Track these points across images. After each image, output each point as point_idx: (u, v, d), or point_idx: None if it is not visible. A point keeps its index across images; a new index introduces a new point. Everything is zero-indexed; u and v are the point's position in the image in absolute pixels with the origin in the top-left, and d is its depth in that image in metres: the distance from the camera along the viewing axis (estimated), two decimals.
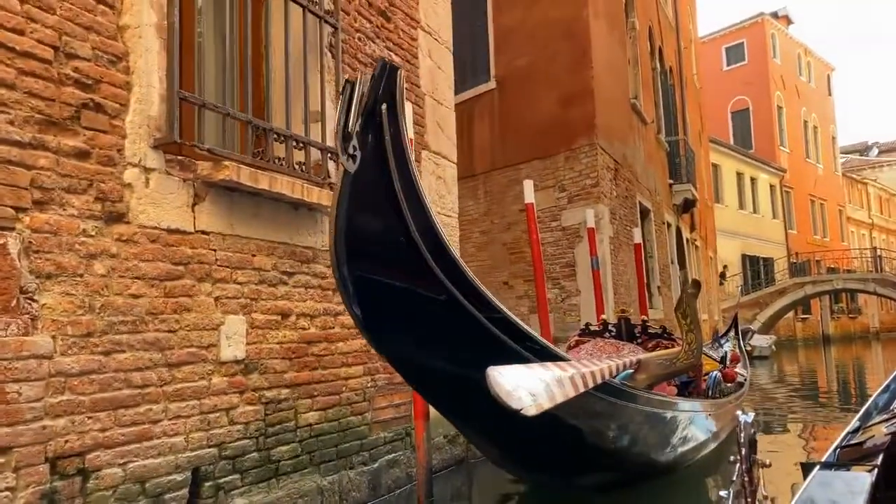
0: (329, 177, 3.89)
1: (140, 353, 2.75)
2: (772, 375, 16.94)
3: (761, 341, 20.83)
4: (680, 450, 4.34)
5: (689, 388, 5.52)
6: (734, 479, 1.06)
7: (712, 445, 5.44)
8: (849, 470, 2.23)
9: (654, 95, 14.98)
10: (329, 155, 3.88)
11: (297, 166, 3.65)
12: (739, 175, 30.58)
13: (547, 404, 2.16)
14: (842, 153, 42.44)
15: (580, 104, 9.92)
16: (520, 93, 10.68)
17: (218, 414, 3.07)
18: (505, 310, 2.72)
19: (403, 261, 2.38)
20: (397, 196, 2.30)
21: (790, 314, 29.86)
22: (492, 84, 11.10)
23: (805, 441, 7.22)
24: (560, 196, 10.16)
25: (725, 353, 7.73)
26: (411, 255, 2.34)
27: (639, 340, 5.86)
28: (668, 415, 3.93)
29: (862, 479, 2.05)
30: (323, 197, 3.75)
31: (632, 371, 3.56)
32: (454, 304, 2.42)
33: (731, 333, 11.00)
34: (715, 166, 28.17)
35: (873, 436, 2.52)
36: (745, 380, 7.71)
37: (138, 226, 2.80)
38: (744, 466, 1.06)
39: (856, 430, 2.79)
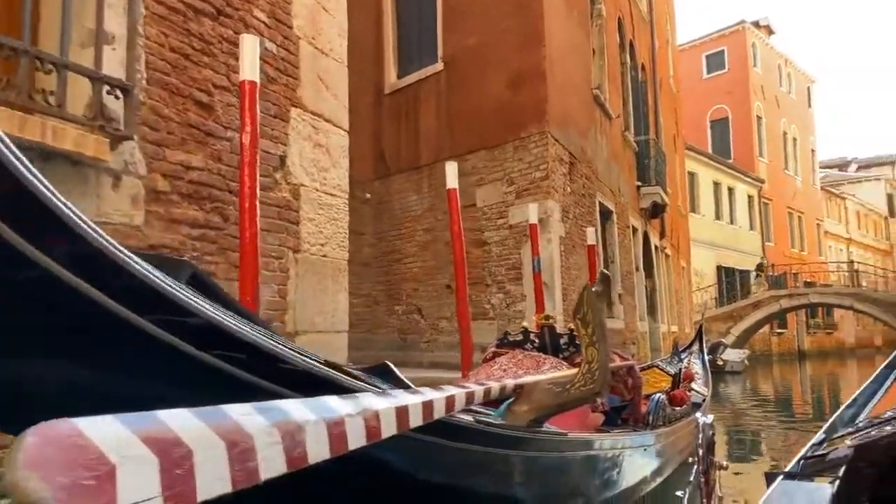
0: (111, 120, 2.82)
1: None
2: (744, 391, 16.16)
3: (734, 356, 19.96)
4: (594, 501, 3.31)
5: (622, 415, 4.49)
6: (691, 479, 1.05)
7: (649, 486, 4.43)
8: (811, 481, 2.25)
9: (623, 91, 14.06)
10: (108, 89, 2.81)
11: (48, 100, 2.57)
12: (717, 184, 29.85)
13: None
14: (821, 168, 41.98)
15: (530, 87, 8.93)
16: (469, 75, 9.69)
17: None
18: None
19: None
20: None
21: (766, 328, 29.12)
22: (439, 66, 10.09)
23: (774, 453, 7.29)
24: (508, 190, 9.16)
25: (680, 369, 6.73)
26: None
27: (565, 353, 4.83)
28: (569, 457, 2.90)
29: (823, 490, 2.08)
30: (101, 149, 2.69)
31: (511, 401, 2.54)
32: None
33: (695, 347, 10.03)
34: (692, 174, 27.42)
35: (837, 448, 2.47)
36: (704, 400, 6.75)
37: None
38: (701, 468, 1.07)
39: (820, 443, 2.77)
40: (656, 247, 16.65)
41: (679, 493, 1.82)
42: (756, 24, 34.83)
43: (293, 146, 4.08)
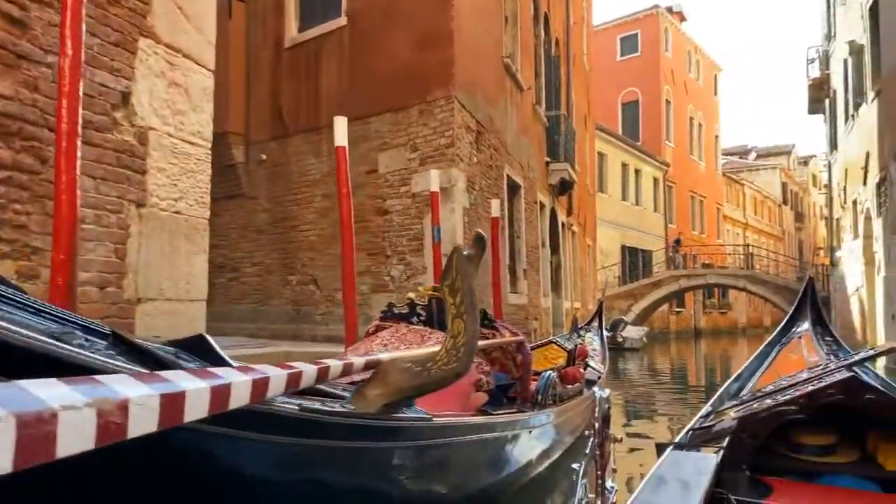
0: None
1: None
2: (642, 368, 16.47)
3: (633, 333, 20.42)
4: (464, 492, 2.97)
5: (509, 393, 4.18)
6: (587, 451, 1.09)
7: (537, 469, 4.16)
8: (698, 451, 2.33)
9: (536, 64, 13.82)
10: None
11: None
12: (625, 166, 30.43)
13: None
14: (723, 155, 43.64)
15: (437, 48, 8.48)
16: (373, 32, 9.12)
17: None
18: None
19: None
20: None
21: (665, 307, 30.11)
22: (342, 20, 9.47)
23: (668, 426, 7.51)
24: (412, 157, 8.71)
25: (576, 346, 6.54)
26: None
27: None
28: (437, 446, 2.53)
29: (709, 459, 2.20)
30: None
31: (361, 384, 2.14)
32: None
33: (595, 323, 9.97)
34: (601, 155, 27.79)
35: (722, 420, 2.60)
36: (600, 377, 6.59)
37: None
38: (596, 440, 1.12)
39: (708, 415, 2.90)
40: (563, 224, 16.66)
41: (575, 466, 1.85)
42: (669, 10, 35.55)
43: (141, 82, 3.48)
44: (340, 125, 5.29)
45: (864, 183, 14.24)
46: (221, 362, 1.80)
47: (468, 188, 8.87)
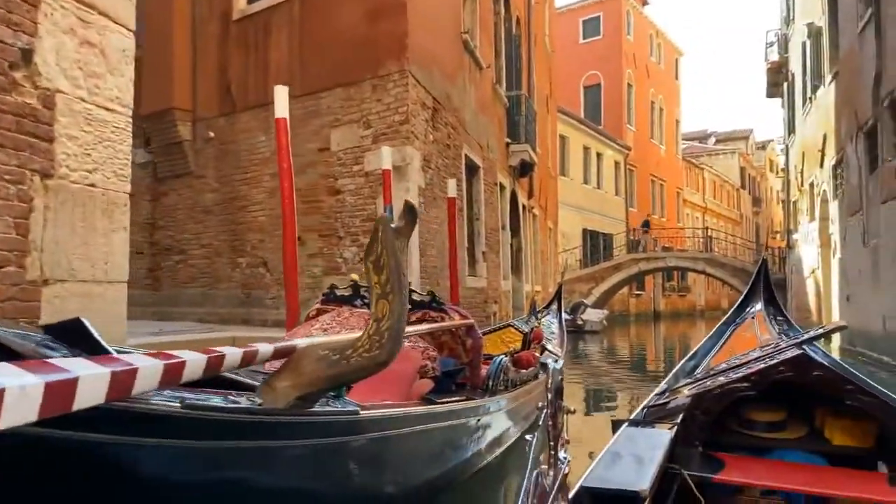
0: None
1: None
2: (602, 349, 16.49)
3: (593, 315, 20.41)
4: (405, 487, 2.73)
5: (457, 379, 3.95)
6: (540, 423, 1.08)
7: (487, 459, 3.95)
8: (653, 427, 2.36)
9: (496, 43, 13.54)
10: None
11: None
12: (586, 149, 30.41)
13: None
14: (683, 139, 43.99)
15: (390, 19, 8.14)
16: (325, 4, 8.74)
17: None
18: None
19: None
20: None
21: (625, 290, 30.32)
22: None
23: (625, 404, 7.60)
24: (365, 134, 8.39)
25: (532, 329, 6.34)
26: None
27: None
28: (364, 442, 2.29)
29: (663, 435, 2.22)
30: None
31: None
32: None
33: (554, 306, 9.82)
34: (563, 138, 27.70)
35: (677, 397, 2.63)
36: (556, 361, 6.39)
37: None
38: (549, 411, 1.09)
39: (663, 393, 2.95)
40: (524, 206, 16.49)
41: (528, 437, 1.88)
42: None
43: (46, 39, 3.12)
44: (281, 95, 4.98)
45: (821, 165, 14.35)
46: (98, 349, 1.53)
47: (424, 167, 8.59)
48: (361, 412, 2.21)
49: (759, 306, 4.58)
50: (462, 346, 4.10)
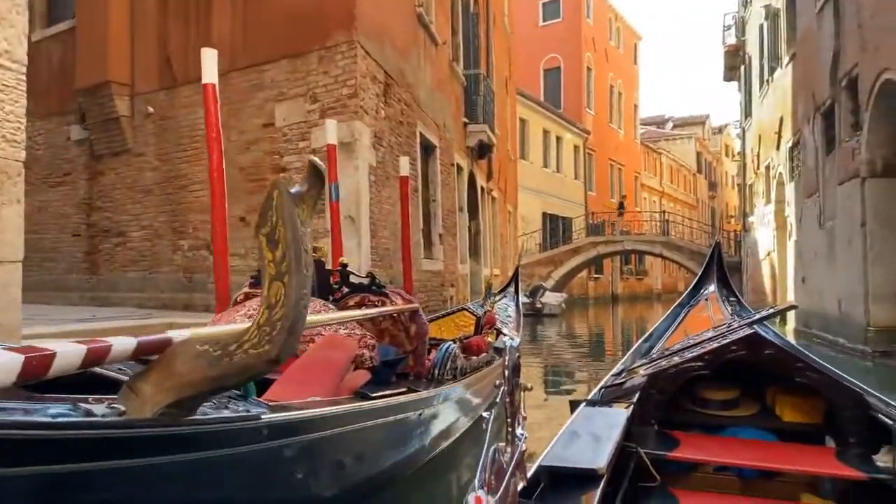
0: None
1: None
2: (560, 333, 16.36)
3: (552, 299, 20.32)
4: (331, 492, 2.40)
5: (399, 369, 3.62)
6: (497, 400, 1.05)
7: (432, 454, 3.63)
8: (610, 407, 2.40)
9: (453, 20, 13.13)
10: None
11: None
12: (546, 133, 30.25)
13: None
14: (641, 124, 44.19)
15: None
16: None
17: None
18: None
19: None
20: None
21: (584, 274, 30.37)
22: None
23: (584, 386, 7.56)
24: (311, 108, 7.94)
25: (484, 312, 6.03)
26: None
27: (334, 296, 3.87)
28: (268, 451, 1.93)
29: (620, 414, 2.25)
30: None
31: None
32: None
33: (511, 289, 9.56)
34: (523, 121, 27.47)
35: (633, 377, 2.65)
36: (511, 347, 6.07)
37: None
38: (506, 388, 1.05)
39: (620, 373, 2.98)
40: (482, 189, 16.19)
41: (485, 414, 1.60)
42: None
43: None
44: (209, 59, 4.52)
45: (778, 148, 14.35)
46: None
47: (375, 144, 8.18)
48: (266, 416, 1.86)
49: (712, 288, 4.71)
50: (405, 333, 3.76)
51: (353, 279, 3.78)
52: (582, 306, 28.82)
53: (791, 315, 13.40)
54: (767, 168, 15.72)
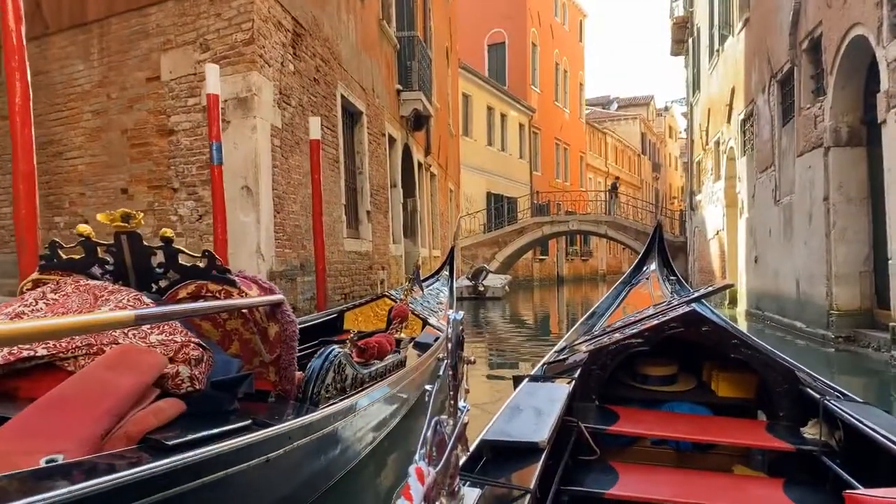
0: None
1: None
2: (503, 316, 15.47)
3: (496, 282, 19.37)
4: None
5: (239, 393, 2.48)
6: (440, 374, 1.05)
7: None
8: (552, 382, 2.40)
9: None
10: None
11: None
12: (490, 109, 29.23)
13: None
14: (586, 105, 43.59)
15: None
16: None
17: None
18: None
19: None
20: None
21: (529, 255, 29.64)
22: None
23: (528, 365, 7.26)
24: (202, 58, 6.66)
25: (394, 305, 4.92)
26: None
27: (159, 284, 2.72)
28: None
29: (561, 389, 2.26)
30: None
31: None
32: None
33: (445, 271, 8.53)
34: (466, 97, 26.40)
35: (575, 353, 2.69)
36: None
37: None
38: (450, 361, 1.05)
39: (562, 350, 3.03)
40: (420, 164, 15.07)
41: (428, 387, 1.07)
42: None
43: None
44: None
45: (728, 121, 13.64)
46: None
47: (281, 103, 6.97)
48: None
49: (653, 267, 4.81)
50: (261, 337, 2.64)
51: (183, 260, 2.64)
52: (527, 288, 28.13)
53: (741, 296, 12.77)
54: (717, 143, 15.04)
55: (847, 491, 1.52)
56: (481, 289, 18.57)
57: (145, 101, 7.03)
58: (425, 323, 5.96)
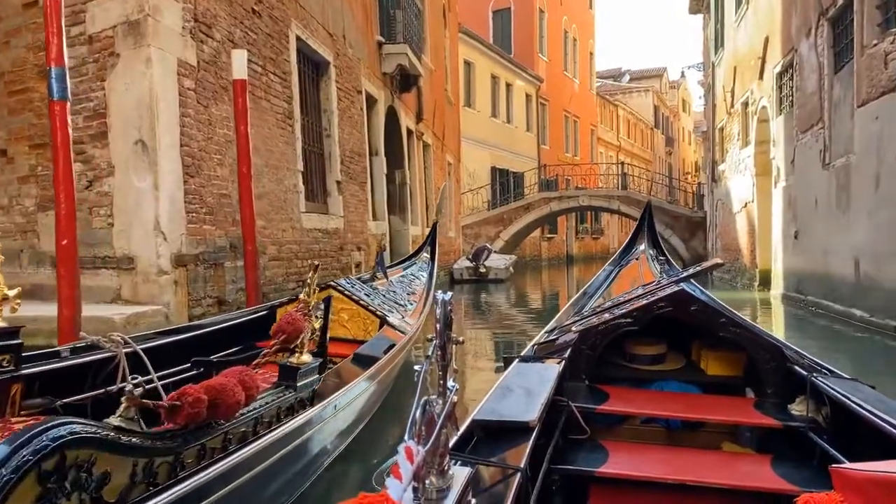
0: None
1: None
2: (508, 300, 13.97)
3: (498, 262, 17.75)
4: None
5: None
6: (429, 354, 1.05)
7: None
8: (542, 362, 2.39)
9: None
10: None
11: None
12: (495, 78, 27.38)
13: None
14: (597, 78, 41.54)
15: None
16: None
17: None
18: None
19: None
20: None
21: (536, 233, 27.98)
22: None
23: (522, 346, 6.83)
24: None
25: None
26: None
27: None
28: None
29: (552, 369, 2.24)
30: None
31: None
32: None
33: (424, 254, 7.05)
34: (468, 64, 24.62)
35: (565, 334, 2.69)
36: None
37: None
38: (438, 342, 1.04)
39: (552, 330, 3.04)
40: (410, 131, 13.41)
41: (417, 368, 1.01)
42: None
43: None
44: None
45: (761, 77, 11.86)
46: None
47: (195, 32, 5.33)
48: None
49: (643, 248, 4.84)
50: None
51: None
52: (535, 268, 26.54)
53: (776, 277, 11.10)
54: (745, 104, 13.27)
55: (833, 465, 1.45)
56: (482, 270, 16.97)
57: (22, 36, 5.42)
58: (383, 322, 4.40)
